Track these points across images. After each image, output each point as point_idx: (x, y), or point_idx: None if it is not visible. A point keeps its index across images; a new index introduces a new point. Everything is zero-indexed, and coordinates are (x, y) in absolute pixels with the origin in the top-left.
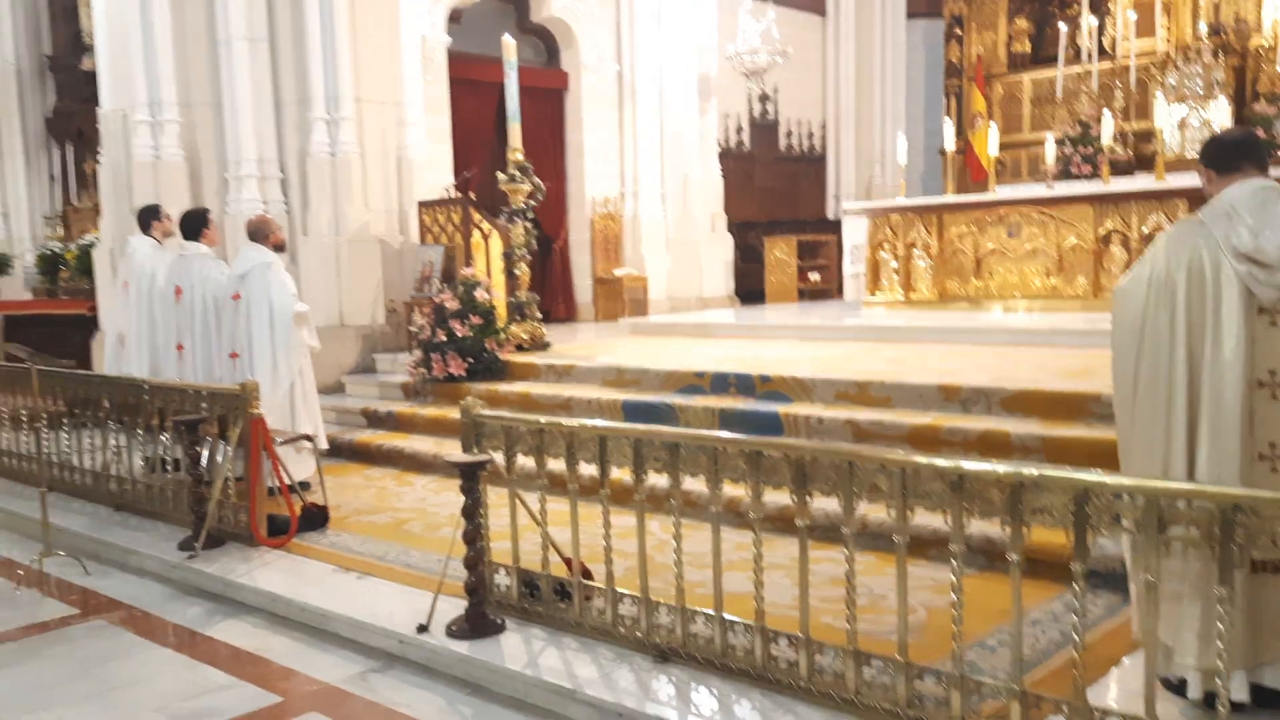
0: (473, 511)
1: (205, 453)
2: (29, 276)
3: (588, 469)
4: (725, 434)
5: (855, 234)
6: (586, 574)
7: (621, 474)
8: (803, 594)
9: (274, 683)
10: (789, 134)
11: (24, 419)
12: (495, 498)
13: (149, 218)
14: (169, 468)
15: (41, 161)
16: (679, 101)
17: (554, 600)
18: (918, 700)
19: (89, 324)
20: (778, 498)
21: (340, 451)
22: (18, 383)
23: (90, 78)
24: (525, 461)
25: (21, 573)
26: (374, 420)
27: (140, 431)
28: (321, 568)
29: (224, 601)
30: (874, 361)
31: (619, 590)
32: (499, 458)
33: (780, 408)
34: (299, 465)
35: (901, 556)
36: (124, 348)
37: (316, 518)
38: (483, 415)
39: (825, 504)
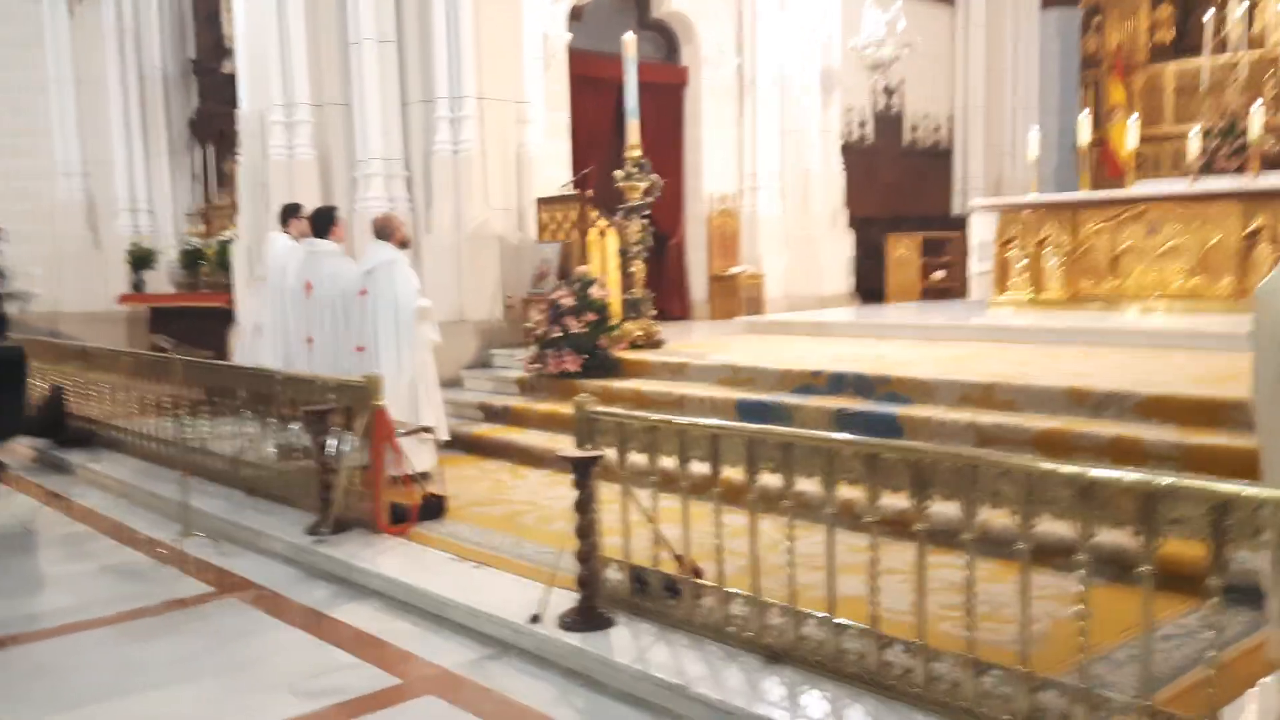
0: (585, 506)
1: (332, 441)
2: (172, 271)
3: (700, 467)
4: (841, 435)
5: (983, 231)
6: (696, 572)
7: (733, 473)
8: (920, 599)
9: (394, 665)
10: (914, 128)
11: (167, 406)
12: (607, 493)
13: (288, 215)
14: (298, 454)
15: (185, 161)
16: (801, 95)
17: (664, 596)
18: (1039, 713)
19: (226, 316)
20: (894, 501)
21: (457, 444)
22: (162, 372)
23: (230, 81)
24: (637, 458)
25: (163, 551)
26: (490, 414)
27: (272, 419)
28: (440, 556)
29: (348, 585)
30: (1000, 363)
31: (729, 589)
32: (611, 454)
33: (899, 409)
34: (420, 456)
35: (1025, 565)
36: (260, 338)
37: (435, 507)
38: (596, 412)
39: (944, 509)
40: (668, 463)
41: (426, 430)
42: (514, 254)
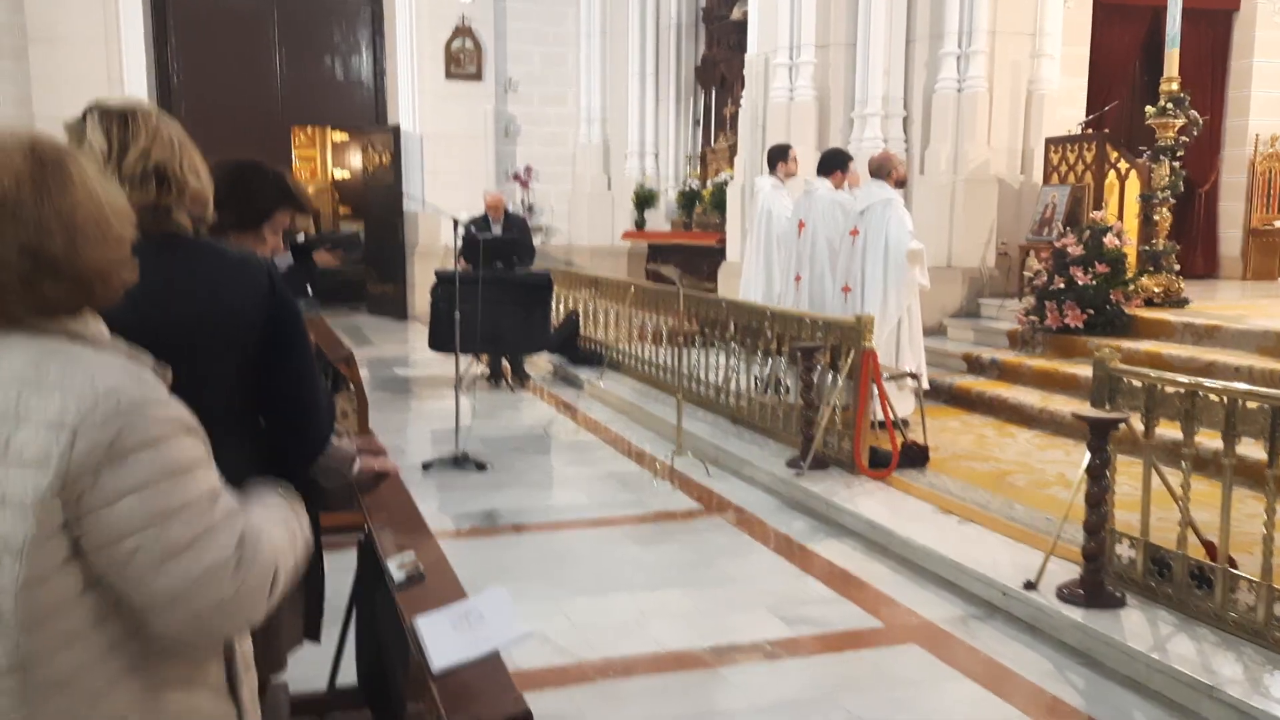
0: (1100, 473)
1: (816, 379)
2: (669, 210)
3: (1249, 445)
4: None
5: None
6: (1231, 563)
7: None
8: None
9: (874, 607)
10: None
11: (662, 335)
12: (1119, 461)
13: (776, 158)
14: (781, 389)
15: (686, 107)
16: None
17: (1188, 584)
18: None
19: (716, 255)
20: None
21: (937, 394)
22: (662, 302)
23: (736, 27)
24: (1165, 427)
25: (659, 466)
26: (975, 366)
27: (758, 353)
28: (920, 505)
29: (825, 521)
30: None
31: (1277, 587)
32: (1135, 420)
33: None
34: (900, 402)
35: None
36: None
37: (916, 456)
38: (1120, 369)
39: None
40: (1202, 436)
41: (911, 376)
42: (1013, 198)
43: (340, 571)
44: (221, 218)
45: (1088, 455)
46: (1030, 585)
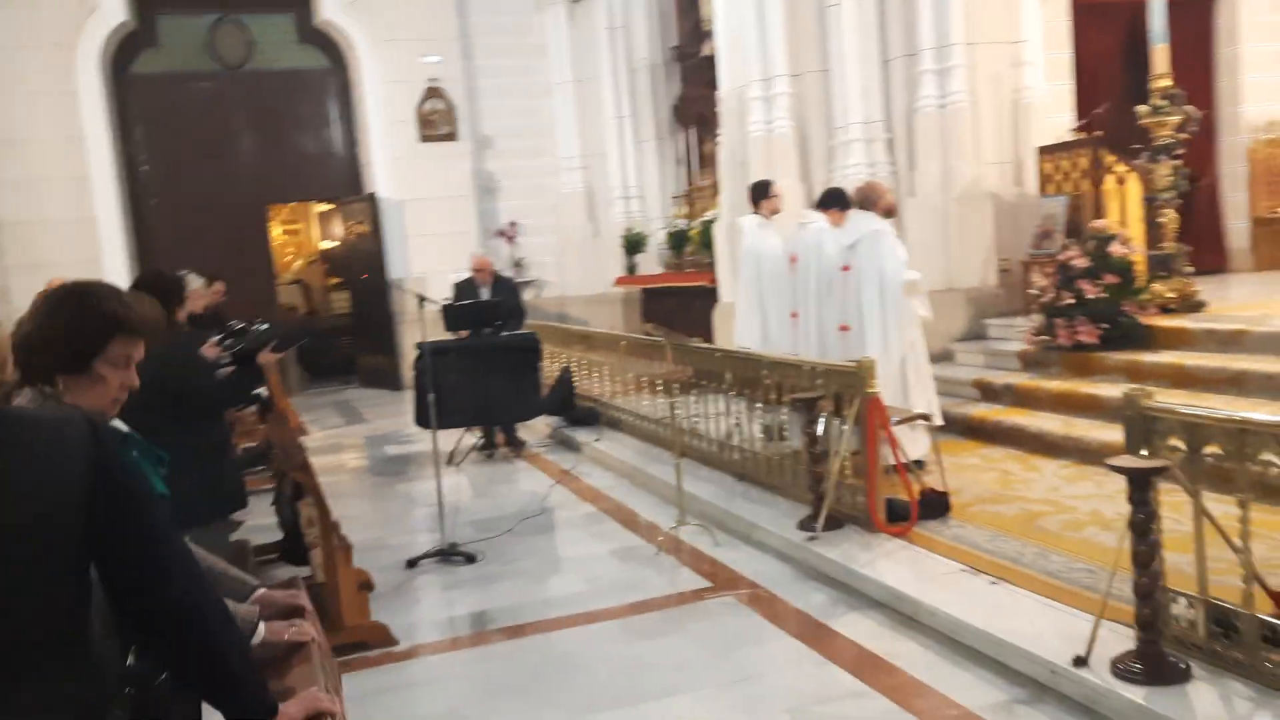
0: (1145, 528)
1: (821, 431)
2: (660, 251)
3: None
4: None
5: None
6: None
7: None
8: None
9: (908, 699)
10: None
11: (659, 387)
12: (1163, 495)
13: (758, 195)
14: (784, 435)
15: (669, 146)
16: None
17: (1261, 647)
18: None
19: (709, 295)
20: None
21: (952, 426)
22: (654, 354)
23: (709, 64)
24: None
25: (661, 538)
26: (988, 393)
27: (759, 404)
28: (947, 565)
29: (845, 590)
30: None
31: None
32: (1178, 461)
33: None
34: (912, 443)
35: None
36: (795, 323)
37: (936, 505)
38: (1154, 408)
39: None
40: (1258, 468)
41: (923, 418)
42: (1010, 212)
43: None
44: (43, 361)
45: (1130, 508)
46: (1081, 660)
